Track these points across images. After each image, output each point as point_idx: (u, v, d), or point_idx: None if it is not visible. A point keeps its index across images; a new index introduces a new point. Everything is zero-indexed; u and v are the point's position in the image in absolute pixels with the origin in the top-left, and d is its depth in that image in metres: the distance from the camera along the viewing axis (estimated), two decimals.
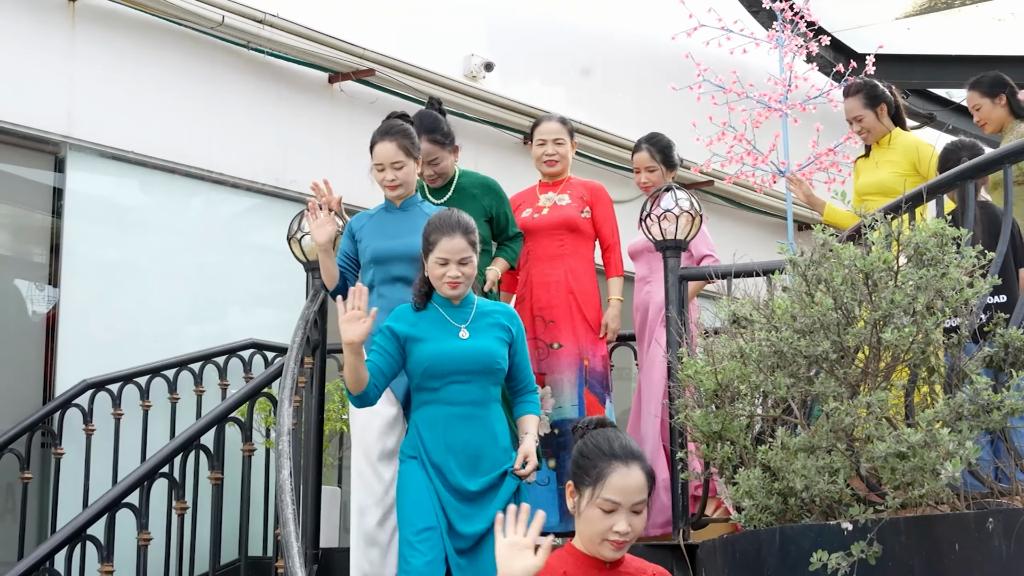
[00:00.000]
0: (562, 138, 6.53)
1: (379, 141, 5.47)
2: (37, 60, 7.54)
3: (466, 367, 4.69)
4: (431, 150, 5.89)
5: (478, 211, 5.90)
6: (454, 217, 4.75)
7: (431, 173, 5.96)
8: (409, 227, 5.36)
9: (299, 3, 8.71)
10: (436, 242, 4.71)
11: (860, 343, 4.34)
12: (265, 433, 7.41)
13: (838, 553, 4.03)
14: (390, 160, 5.42)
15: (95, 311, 7.70)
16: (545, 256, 6.42)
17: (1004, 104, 6.91)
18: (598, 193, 6.57)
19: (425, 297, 4.80)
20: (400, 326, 4.74)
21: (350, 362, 4.48)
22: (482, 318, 4.79)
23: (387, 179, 5.44)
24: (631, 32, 11.49)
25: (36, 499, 7.24)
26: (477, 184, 6.10)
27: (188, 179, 8.26)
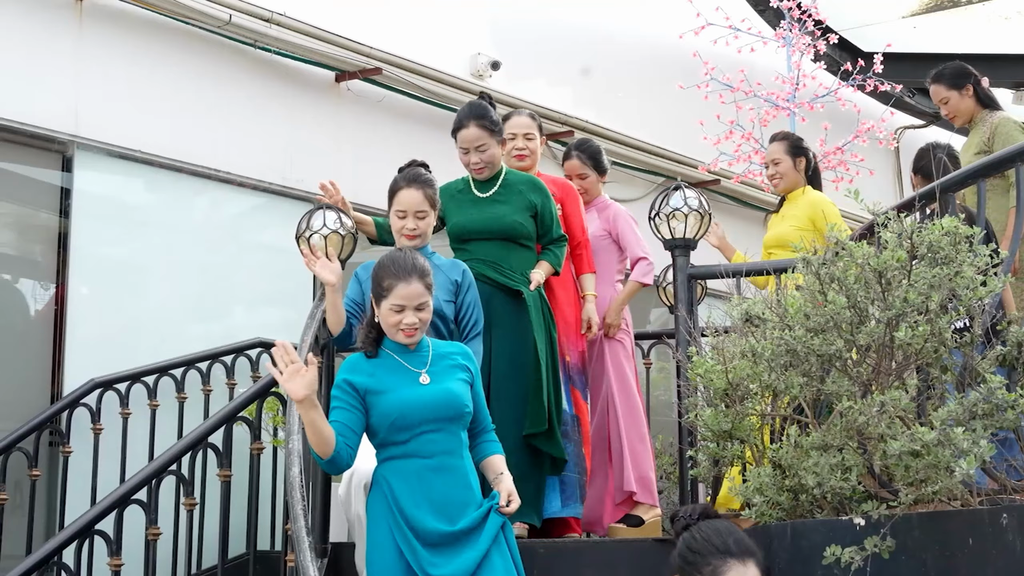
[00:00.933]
0: (532, 133, 6.47)
1: (404, 188, 5.27)
2: (44, 59, 7.54)
3: (434, 415, 4.32)
4: (480, 135, 5.85)
5: (524, 205, 5.94)
6: (409, 260, 4.40)
7: (477, 160, 5.89)
8: None
9: (306, 2, 8.71)
10: (391, 288, 4.35)
11: (873, 342, 4.33)
12: (273, 432, 7.40)
13: (851, 547, 4.03)
14: (415, 209, 5.23)
15: (102, 310, 7.69)
16: None
17: (971, 95, 6.85)
18: (567, 190, 6.50)
19: (375, 344, 4.43)
20: (358, 378, 4.34)
21: (309, 421, 4.12)
22: (440, 360, 4.45)
23: (407, 227, 5.24)
24: (638, 31, 11.48)
25: (44, 496, 7.24)
26: (524, 180, 6.06)
27: (195, 178, 8.25)
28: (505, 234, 5.92)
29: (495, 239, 5.91)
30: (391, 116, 9.25)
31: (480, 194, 5.98)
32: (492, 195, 5.96)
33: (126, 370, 7.51)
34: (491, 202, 5.97)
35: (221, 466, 5.95)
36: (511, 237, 5.93)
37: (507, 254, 5.92)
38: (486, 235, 5.92)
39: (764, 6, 10.55)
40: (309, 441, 4.14)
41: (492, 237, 5.92)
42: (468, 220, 5.96)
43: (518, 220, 5.93)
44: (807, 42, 8.42)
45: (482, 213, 5.94)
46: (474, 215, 5.95)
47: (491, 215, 5.93)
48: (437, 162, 6.58)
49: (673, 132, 10.86)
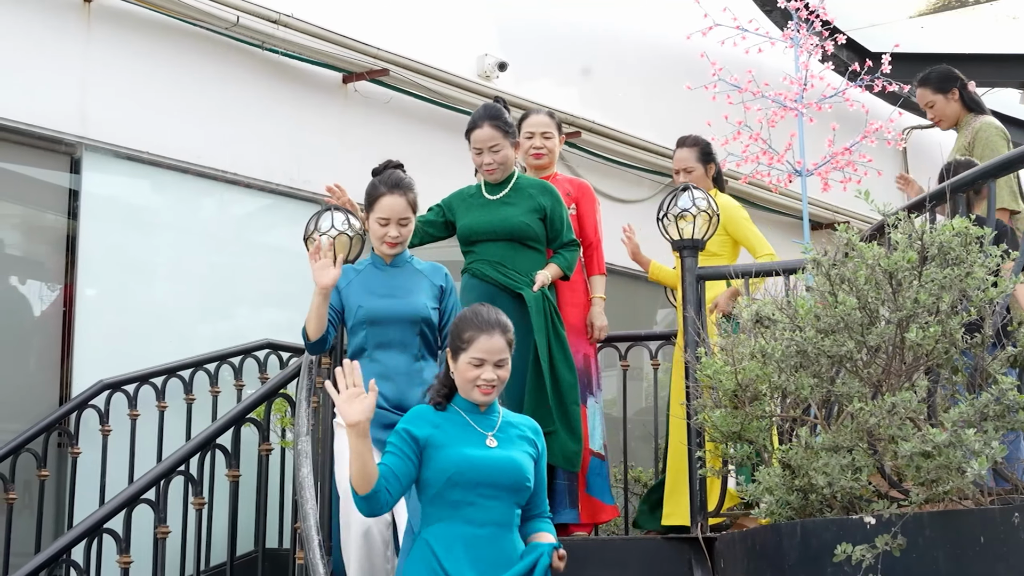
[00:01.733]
0: (550, 132, 6.48)
1: (386, 194, 5.14)
2: (52, 61, 7.54)
3: (494, 479, 4.08)
4: (493, 135, 5.88)
5: (532, 207, 5.94)
6: (493, 314, 4.23)
7: (490, 161, 5.90)
8: (403, 286, 5.18)
9: (313, 3, 8.71)
10: (472, 340, 4.15)
11: (883, 343, 4.33)
12: (281, 433, 7.41)
13: (862, 545, 4.04)
14: (398, 216, 5.15)
15: (111, 311, 7.70)
16: None
17: (957, 98, 6.86)
18: (584, 190, 6.53)
19: (446, 399, 4.25)
20: (420, 428, 4.14)
21: (357, 451, 3.93)
22: (509, 428, 4.25)
23: (390, 235, 5.15)
24: (645, 32, 11.48)
25: (53, 496, 7.26)
26: (534, 184, 6.07)
27: (202, 179, 8.26)
28: (511, 234, 5.93)
29: (501, 239, 5.93)
30: (398, 117, 9.25)
31: (490, 197, 6.00)
32: (502, 198, 5.98)
33: (134, 371, 7.53)
34: (500, 204, 5.98)
35: (230, 466, 5.97)
36: (517, 238, 5.94)
37: (513, 255, 5.92)
38: (492, 235, 5.93)
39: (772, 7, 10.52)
40: (350, 472, 3.95)
41: (498, 238, 5.93)
42: (475, 221, 5.98)
43: (524, 221, 5.94)
44: (815, 43, 8.38)
45: (489, 214, 5.96)
46: (481, 216, 5.98)
47: (498, 216, 5.95)
48: (445, 163, 6.63)
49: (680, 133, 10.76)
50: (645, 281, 6.94)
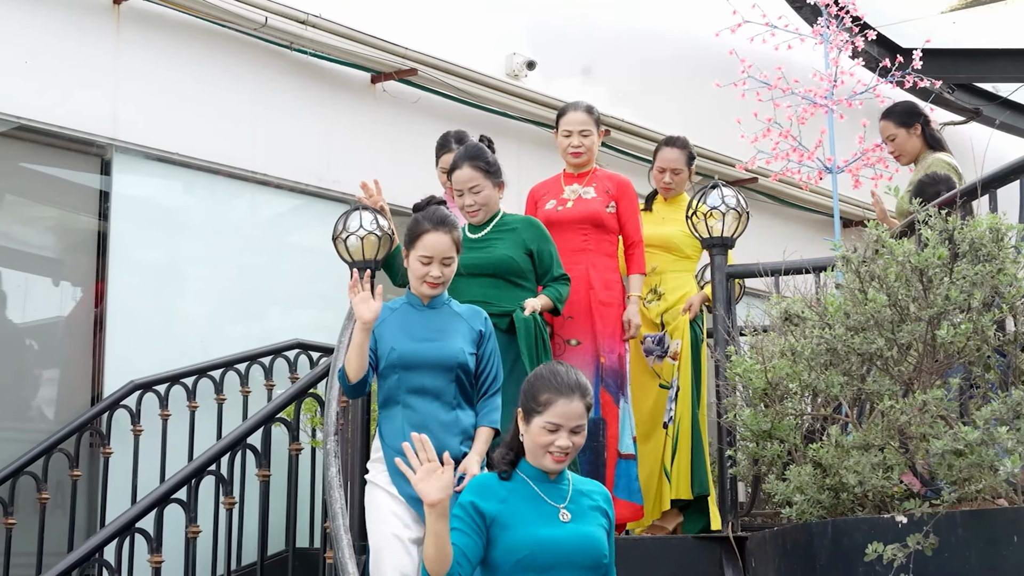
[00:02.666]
0: (588, 129, 6.30)
1: (430, 231, 4.85)
2: (83, 63, 7.58)
3: (571, 560, 3.77)
4: (473, 176, 5.61)
5: (517, 243, 5.67)
6: (572, 376, 3.89)
7: (472, 202, 5.64)
8: (440, 329, 4.86)
9: (342, 4, 8.72)
10: (549, 404, 3.81)
11: (914, 340, 4.30)
12: (311, 433, 7.42)
13: (894, 544, 4.01)
14: (442, 255, 4.86)
15: (142, 312, 7.73)
16: (567, 250, 6.10)
17: (919, 134, 6.89)
18: (624, 187, 6.35)
19: (512, 465, 3.91)
20: (487, 504, 3.80)
21: (435, 532, 3.64)
22: (581, 498, 3.91)
23: (431, 275, 4.85)
24: (674, 29, 11.45)
25: (85, 496, 7.29)
26: (519, 220, 5.81)
27: (232, 180, 8.29)
28: (495, 269, 5.62)
29: (484, 275, 5.61)
30: (427, 117, 9.24)
31: (473, 236, 5.70)
32: (486, 235, 5.71)
33: (165, 372, 7.56)
34: (483, 241, 5.70)
35: (260, 466, 5.98)
36: (502, 273, 5.64)
37: (498, 293, 5.61)
38: (475, 271, 5.56)
39: (801, 3, 10.50)
40: (424, 554, 3.67)
41: (482, 273, 5.60)
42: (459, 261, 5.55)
43: (509, 255, 5.65)
44: (845, 39, 8.35)
45: (474, 251, 5.60)
46: (464, 254, 5.45)
47: (481, 253, 5.64)
48: None
49: (710, 130, 10.80)
50: None
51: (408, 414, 4.75)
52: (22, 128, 7.32)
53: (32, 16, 7.36)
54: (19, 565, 6.81)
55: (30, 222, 7.59)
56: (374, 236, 6.17)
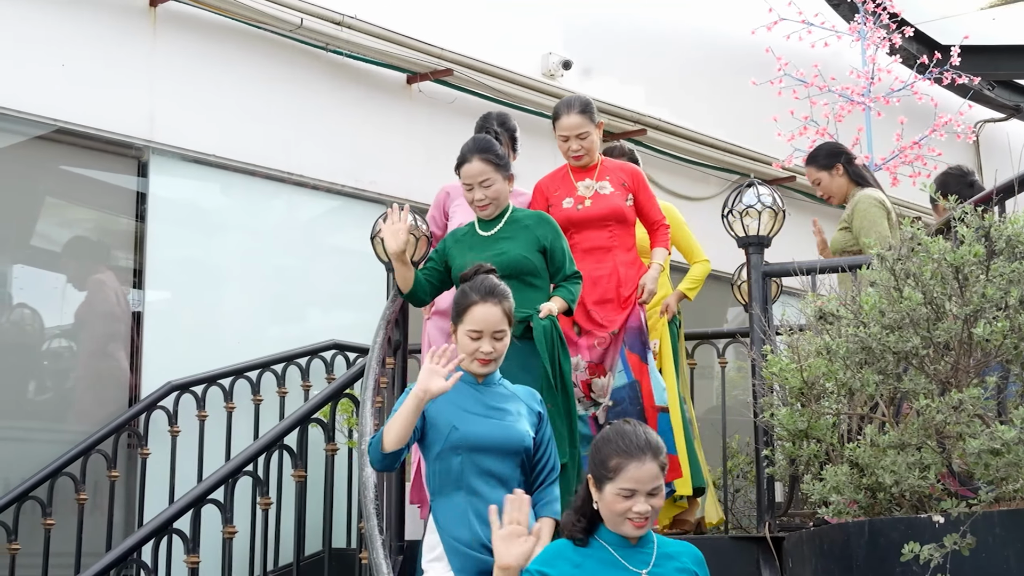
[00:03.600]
0: (585, 131, 6.16)
1: (479, 303, 4.47)
2: (120, 66, 7.62)
3: None
4: (483, 169, 5.53)
5: (531, 240, 5.56)
6: (642, 436, 3.65)
7: (482, 197, 5.54)
8: (499, 409, 4.45)
9: (377, 4, 8.73)
10: (620, 469, 3.57)
11: (951, 339, 4.26)
12: (347, 433, 7.43)
13: (931, 544, 3.98)
14: (492, 328, 4.47)
15: (179, 314, 7.77)
16: (593, 247, 6.11)
17: (842, 174, 6.86)
18: (639, 178, 6.28)
19: (586, 532, 3.66)
20: (558, 570, 3.59)
21: None
22: (666, 562, 3.66)
23: (482, 350, 4.45)
24: (710, 27, 11.41)
25: (123, 496, 7.33)
26: (531, 216, 5.70)
27: (268, 181, 8.32)
28: (510, 270, 5.42)
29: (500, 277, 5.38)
30: (463, 117, 9.22)
31: (484, 232, 5.61)
32: (496, 233, 5.59)
33: (202, 373, 7.59)
34: (495, 240, 5.58)
35: (296, 467, 5.99)
36: (516, 274, 5.46)
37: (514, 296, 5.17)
38: None
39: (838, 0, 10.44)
40: None
41: None
42: (472, 259, 5.43)
43: (523, 255, 5.53)
44: (882, 35, 8.31)
45: (485, 251, 5.50)
46: (477, 253, 5.51)
47: (494, 251, 5.51)
48: None
49: (746, 129, 10.77)
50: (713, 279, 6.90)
51: (474, 501, 4.31)
52: (60, 131, 7.37)
53: (69, 20, 7.41)
54: (57, 565, 6.86)
55: (68, 224, 7.64)
56: (411, 236, 6.19)
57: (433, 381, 4.12)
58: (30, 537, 6.83)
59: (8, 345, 7.23)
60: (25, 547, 6.76)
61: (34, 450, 7.10)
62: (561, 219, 6.05)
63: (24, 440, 7.18)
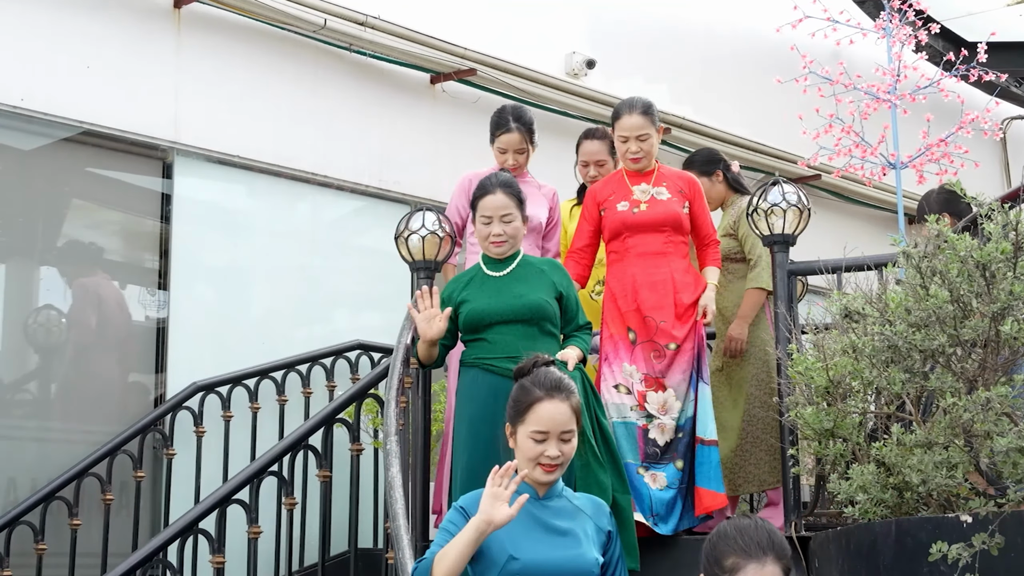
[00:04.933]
0: (646, 132, 6.04)
1: (543, 399, 3.93)
2: (145, 68, 7.64)
3: None
4: (506, 204, 5.27)
5: (548, 285, 5.28)
6: (764, 533, 3.26)
7: (500, 232, 5.25)
8: (564, 531, 3.92)
9: (400, 4, 8.74)
10: (738, 569, 3.20)
11: (978, 337, 4.24)
12: (372, 433, 7.44)
13: (959, 544, 3.95)
14: (560, 429, 3.94)
15: (204, 314, 7.79)
16: (649, 253, 5.98)
17: (721, 180, 6.86)
18: (695, 187, 6.16)
19: None
20: None
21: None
22: None
23: (548, 454, 3.90)
24: (734, 25, 11.38)
25: (149, 496, 7.35)
26: (544, 262, 5.45)
27: (293, 182, 8.33)
28: (530, 314, 5.19)
29: (518, 322, 5.20)
30: (486, 117, 9.14)
31: (494, 273, 5.33)
32: (508, 274, 5.31)
33: (227, 373, 7.61)
34: (509, 281, 5.30)
35: (320, 467, 6.00)
36: (536, 319, 5.21)
37: (532, 343, 5.10)
38: (508, 317, 5.20)
39: None
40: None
41: (514, 320, 5.20)
42: (486, 303, 5.24)
43: (544, 299, 5.23)
44: (908, 33, 8.26)
45: (501, 293, 5.24)
46: (492, 297, 5.25)
47: (512, 294, 5.23)
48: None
49: (771, 127, 10.74)
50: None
51: None
52: (85, 133, 7.39)
53: (94, 22, 7.44)
54: (84, 565, 6.88)
55: (94, 226, 7.67)
56: (435, 236, 6.20)
57: (497, 510, 3.66)
58: (57, 537, 6.86)
59: (35, 346, 7.27)
60: (52, 547, 6.79)
61: (60, 451, 7.13)
62: (615, 223, 6.00)
63: (51, 441, 7.21)
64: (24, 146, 7.27)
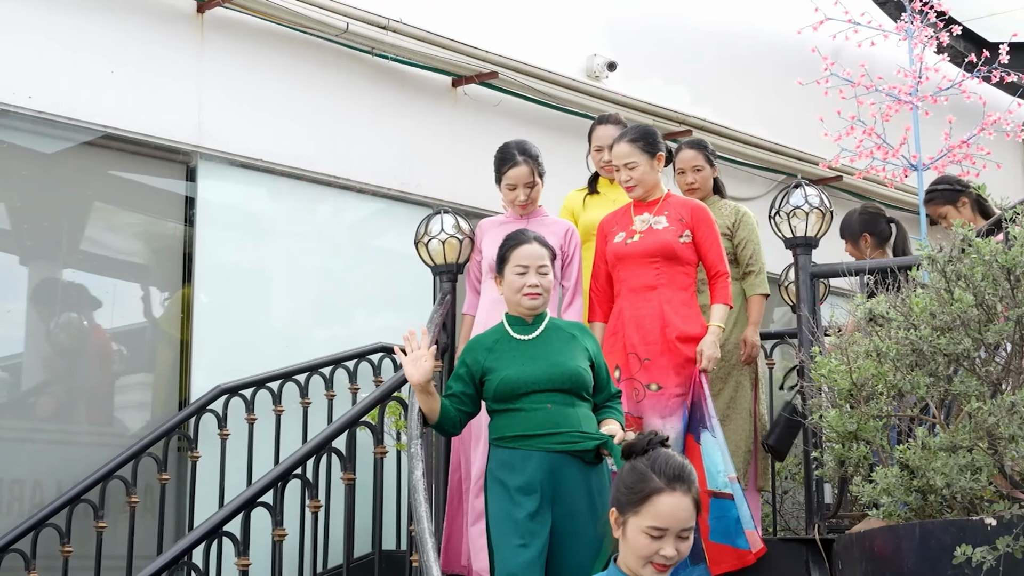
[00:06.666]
0: (633, 161, 5.85)
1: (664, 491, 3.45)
2: (168, 71, 7.68)
3: None
4: (542, 255, 5.00)
5: (581, 351, 4.94)
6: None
7: (535, 283, 4.95)
8: None
9: (422, 8, 8.76)
10: None
11: (1002, 340, 4.24)
12: (395, 436, 7.46)
13: (983, 547, 3.95)
14: (681, 526, 3.46)
15: (227, 317, 7.82)
16: (638, 287, 5.78)
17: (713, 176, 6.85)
18: (699, 214, 5.86)
19: None
20: None
21: None
22: None
23: (663, 554, 3.43)
24: (755, 27, 11.37)
25: (173, 499, 7.38)
26: (573, 325, 5.14)
27: (315, 185, 8.35)
28: (569, 384, 4.84)
29: (556, 391, 4.83)
30: (508, 119, 9.26)
31: (522, 337, 4.98)
32: (537, 337, 4.97)
33: (251, 376, 7.62)
34: (541, 344, 4.95)
35: (345, 469, 6.02)
36: (575, 389, 4.86)
37: (573, 413, 4.83)
38: (545, 386, 4.83)
39: None
40: None
41: (553, 388, 4.83)
42: (522, 371, 4.86)
43: (582, 366, 4.90)
44: (929, 34, 8.26)
45: (536, 359, 4.89)
46: (526, 363, 4.88)
47: (548, 361, 4.87)
48: (555, 164, 6.60)
49: (792, 129, 10.73)
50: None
51: None
52: (109, 136, 7.43)
53: (117, 27, 7.47)
54: (109, 568, 6.91)
55: (117, 229, 7.70)
56: (455, 240, 6.22)
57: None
58: (82, 540, 6.88)
59: (59, 349, 7.31)
60: (78, 549, 6.82)
61: (85, 453, 7.17)
62: (611, 255, 5.89)
63: (76, 444, 7.25)
64: (47, 149, 7.31)
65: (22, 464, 7.02)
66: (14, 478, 6.96)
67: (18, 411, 7.13)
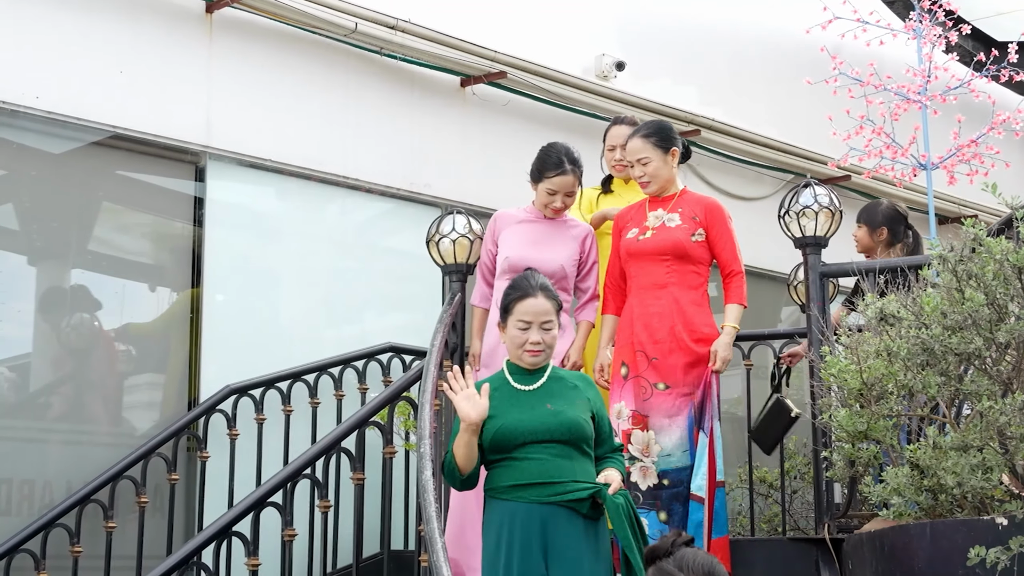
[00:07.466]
0: (646, 156, 5.85)
1: None
2: (177, 72, 7.68)
3: None
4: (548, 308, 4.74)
5: (583, 403, 4.73)
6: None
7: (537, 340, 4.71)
8: None
9: (431, 8, 8.76)
10: None
11: (1013, 339, 4.23)
12: (405, 436, 7.46)
13: (996, 547, 3.94)
14: None
15: (236, 317, 7.82)
16: (648, 284, 5.78)
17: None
18: (714, 213, 5.85)
19: None
20: None
21: None
22: None
23: None
24: (764, 26, 11.36)
25: (183, 499, 7.39)
26: (575, 376, 4.94)
27: (324, 185, 8.35)
28: (570, 435, 4.64)
29: (555, 442, 4.62)
30: (516, 119, 9.26)
31: (523, 387, 4.76)
32: (539, 388, 4.75)
33: (260, 376, 7.63)
34: (542, 396, 4.73)
35: (354, 469, 6.02)
36: (576, 440, 4.66)
37: (570, 465, 4.64)
38: (543, 437, 4.62)
39: None
40: None
41: (551, 440, 4.62)
42: (520, 420, 4.66)
43: (583, 418, 4.69)
44: (938, 33, 8.25)
45: (535, 410, 4.68)
46: (525, 413, 4.68)
47: (547, 412, 4.67)
48: None
49: (801, 128, 10.72)
50: (769, 279, 6.86)
51: None
52: (117, 137, 7.44)
53: (126, 27, 7.48)
54: (119, 568, 6.92)
55: (127, 229, 7.71)
56: (466, 239, 6.23)
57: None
58: (92, 540, 6.89)
59: (68, 350, 7.32)
60: (87, 549, 6.82)
61: (95, 454, 7.18)
62: (623, 251, 5.90)
63: (85, 444, 7.26)
64: (56, 150, 7.32)
65: (32, 464, 7.03)
66: (24, 478, 6.97)
67: (28, 411, 7.15)
